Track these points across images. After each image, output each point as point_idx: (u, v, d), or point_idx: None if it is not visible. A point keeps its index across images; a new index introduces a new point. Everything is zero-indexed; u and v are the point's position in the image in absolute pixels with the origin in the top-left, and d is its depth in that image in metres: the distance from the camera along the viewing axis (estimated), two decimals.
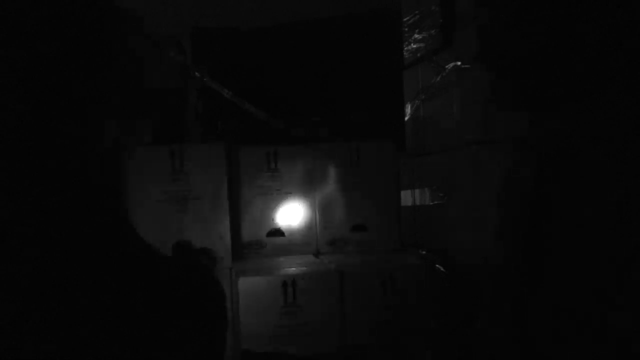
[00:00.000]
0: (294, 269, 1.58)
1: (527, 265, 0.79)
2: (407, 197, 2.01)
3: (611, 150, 0.72)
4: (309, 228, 1.76)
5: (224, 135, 2.00)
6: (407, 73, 2.11)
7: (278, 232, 1.75)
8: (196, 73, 2.12)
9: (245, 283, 1.51)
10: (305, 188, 1.76)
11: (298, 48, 2.97)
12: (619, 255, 0.67)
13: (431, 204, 1.86)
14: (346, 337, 1.54)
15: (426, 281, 1.59)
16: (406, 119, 2.11)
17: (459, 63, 1.71)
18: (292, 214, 1.76)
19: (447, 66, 1.78)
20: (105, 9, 0.78)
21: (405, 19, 2.08)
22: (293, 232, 1.75)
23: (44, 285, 0.67)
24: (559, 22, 0.77)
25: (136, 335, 0.70)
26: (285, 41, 2.99)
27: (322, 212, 1.76)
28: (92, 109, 0.78)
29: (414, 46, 2.02)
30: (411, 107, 2.07)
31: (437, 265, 1.63)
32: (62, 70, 0.73)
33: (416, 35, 1.99)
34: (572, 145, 0.76)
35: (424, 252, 1.83)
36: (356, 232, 1.77)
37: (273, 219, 1.75)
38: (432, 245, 1.84)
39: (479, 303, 1.59)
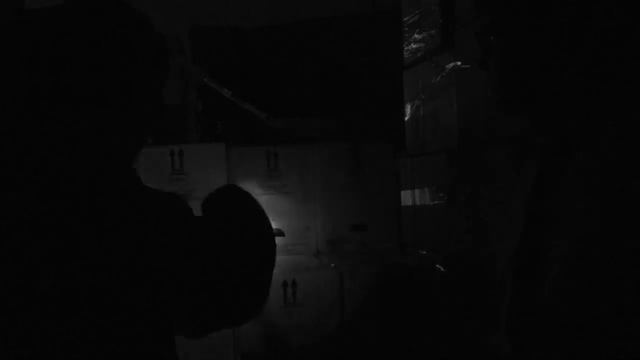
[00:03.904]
0: (295, 268, 1.59)
1: (527, 265, 0.79)
2: (407, 197, 2.01)
3: (612, 149, 0.71)
4: (308, 228, 1.76)
5: (223, 135, 2.00)
6: (407, 73, 2.11)
7: (278, 232, 1.74)
8: (195, 73, 2.12)
9: None
10: (306, 188, 1.76)
11: (298, 48, 2.97)
12: (618, 255, 0.67)
13: (431, 204, 1.85)
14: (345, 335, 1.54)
15: (426, 281, 1.59)
16: (406, 119, 2.11)
17: (459, 63, 1.71)
18: (291, 214, 1.76)
19: (447, 66, 1.77)
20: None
21: (405, 19, 2.08)
22: (293, 232, 1.75)
23: None
24: (560, 21, 0.77)
25: None
26: (286, 41, 2.99)
27: (322, 212, 1.76)
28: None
29: (414, 46, 2.01)
30: (411, 107, 2.07)
31: (437, 265, 1.63)
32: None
33: (416, 35, 1.99)
34: (573, 144, 0.76)
35: (423, 252, 1.83)
36: (356, 232, 1.77)
37: (272, 219, 1.74)
38: (432, 245, 1.84)
39: (478, 303, 1.59)
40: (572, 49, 0.77)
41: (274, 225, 1.74)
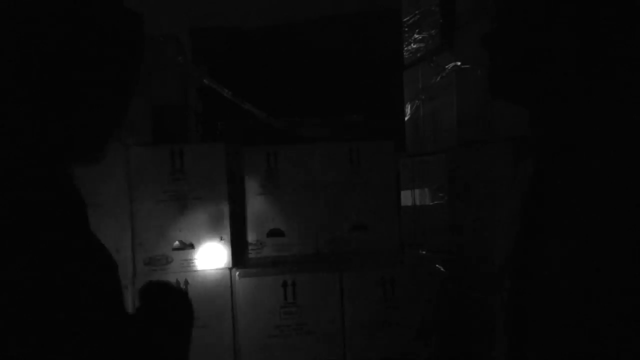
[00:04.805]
0: (295, 269, 1.59)
1: (527, 263, 0.79)
2: (407, 197, 2.01)
3: (612, 149, 0.72)
4: (308, 228, 1.76)
5: (223, 135, 2.00)
6: (407, 73, 2.11)
7: (278, 232, 1.74)
8: (196, 73, 2.12)
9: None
10: (306, 188, 1.76)
11: (298, 48, 2.97)
12: (617, 255, 0.67)
13: (431, 204, 1.85)
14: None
15: (426, 281, 1.59)
16: (406, 119, 2.11)
17: (458, 63, 1.71)
18: (291, 214, 1.75)
19: (447, 66, 1.78)
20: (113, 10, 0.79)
21: (405, 19, 2.08)
22: (293, 232, 1.75)
23: None
24: (561, 20, 0.77)
25: None
26: (285, 41, 3.00)
27: (322, 212, 1.76)
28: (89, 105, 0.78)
29: (414, 46, 2.02)
30: (411, 107, 2.07)
31: (436, 265, 1.63)
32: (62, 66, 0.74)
33: (416, 36, 1.99)
34: (572, 143, 0.76)
35: (423, 252, 1.83)
36: (356, 232, 1.77)
37: (272, 219, 1.74)
38: (432, 245, 1.84)
39: (477, 303, 1.59)
40: (572, 48, 0.77)
41: (273, 225, 1.75)
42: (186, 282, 1.60)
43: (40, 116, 0.75)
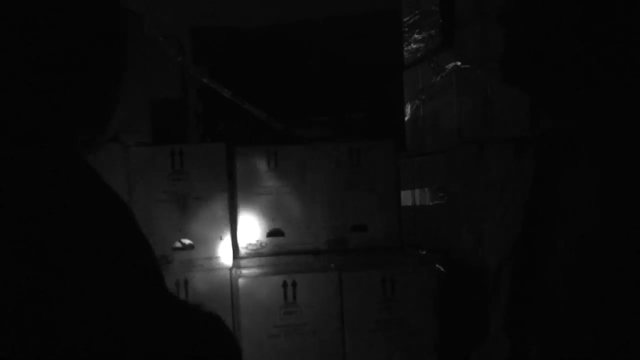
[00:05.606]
0: (295, 269, 1.59)
1: (527, 264, 0.79)
2: (407, 197, 2.01)
3: (613, 149, 0.72)
4: (308, 228, 1.76)
5: (223, 136, 1.99)
6: (407, 73, 2.11)
7: (278, 232, 1.74)
8: (196, 73, 2.12)
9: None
10: (306, 188, 1.76)
11: (298, 48, 2.97)
12: (618, 254, 0.67)
13: (431, 204, 1.85)
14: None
15: (426, 281, 1.59)
16: (406, 119, 2.11)
17: (459, 63, 1.71)
18: (291, 214, 1.75)
19: (447, 66, 1.78)
20: (109, 7, 0.79)
21: (405, 19, 2.08)
22: (293, 232, 1.75)
23: None
24: (562, 20, 0.77)
25: None
26: (285, 41, 2.99)
27: (322, 212, 1.76)
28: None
29: (414, 46, 2.01)
30: (411, 107, 2.07)
31: (437, 265, 1.63)
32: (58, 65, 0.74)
33: (416, 36, 1.99)
34: (572, 143, 0.77)
35: (423, 252, 1.83)
36: (356, 232, 1.77)
37: (273, 219, 1.74)
38: (432, 245, 1.83)
39: (477, 302, 1.59)
40: (577, 48, 0.76)
41: (273, 225, 1.75)
42: (186, 282, 1.61)
43: (46, 102, 0.74)
